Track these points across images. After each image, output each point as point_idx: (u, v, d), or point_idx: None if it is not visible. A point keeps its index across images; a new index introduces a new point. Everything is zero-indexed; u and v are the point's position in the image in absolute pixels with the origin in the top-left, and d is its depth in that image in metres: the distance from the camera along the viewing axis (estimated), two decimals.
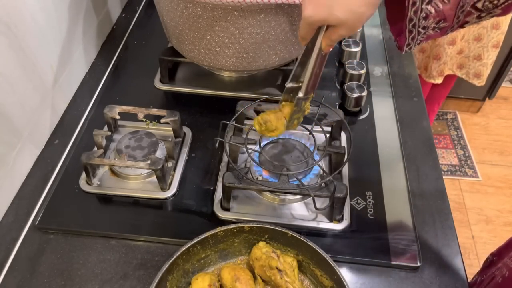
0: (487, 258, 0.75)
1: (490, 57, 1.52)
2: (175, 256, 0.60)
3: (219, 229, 0.63)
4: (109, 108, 0.81)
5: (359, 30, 1.07)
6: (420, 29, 0.53)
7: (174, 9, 0.80)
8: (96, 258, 0.68)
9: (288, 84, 0.65)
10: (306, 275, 0.66)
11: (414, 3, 0.51)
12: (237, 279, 0.61)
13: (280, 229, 0.63)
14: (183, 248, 0.61)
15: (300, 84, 0.64)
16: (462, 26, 0.54)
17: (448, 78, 1.67)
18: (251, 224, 0.64)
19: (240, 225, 0.64)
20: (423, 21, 0.52)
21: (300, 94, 0.62)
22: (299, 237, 0.62)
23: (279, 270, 0.61)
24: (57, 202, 0.74)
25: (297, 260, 0.65)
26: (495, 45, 1.47)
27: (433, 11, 0.51)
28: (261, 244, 0.64)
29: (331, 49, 0.57)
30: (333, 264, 0.59)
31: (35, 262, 0.67)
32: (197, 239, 0.62)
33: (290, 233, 0.63)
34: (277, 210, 0.74)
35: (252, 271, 0.64)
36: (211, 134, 0.85)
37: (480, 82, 1.59)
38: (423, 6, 0.51)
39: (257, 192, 0.76)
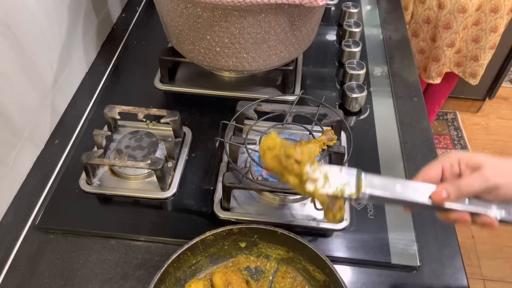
0: None
1: (487, 58, 1.57)
2: (165, 265, 0.59)
3: (208, 233, 0.62)
4: (109, 108, 0.81)
5: (359, 30, 1.07)
6: None
7: (174, 9, 0.80)
8: (96, 258, 0.68)
9: None
10: (298, 271, 0.66)
11: None
12: (229, 283, 0.61)
13: (269, 228, 0.63)
14: (174, 256, 0.60)
15: None
16: None
17: (449, 79, 1.68)
18: (239, 226, 0.63)
19: (228, 227, 0.63)
20: None
21: None
22: (289, 234, 0.62)
23: (297, 162, 0.53)
24: (57, 202, 0.74)
25: (288, 257, 0.64)
26: (491, 46, 1.52)
27: None
28: (273, 134, 0.54)
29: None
30: (323, 257, 0.59)
31: (35, 262, 0.67)
32: (187, 246, 0.61)
33: (280, 231, 0.62)
34: (277, 210, 0.74)
35: (241, 274, 0.64)
36: (211, 134, 0.85)
37: (475, 81, 1.65)
38: None
39: (257, 192, 0.76)
